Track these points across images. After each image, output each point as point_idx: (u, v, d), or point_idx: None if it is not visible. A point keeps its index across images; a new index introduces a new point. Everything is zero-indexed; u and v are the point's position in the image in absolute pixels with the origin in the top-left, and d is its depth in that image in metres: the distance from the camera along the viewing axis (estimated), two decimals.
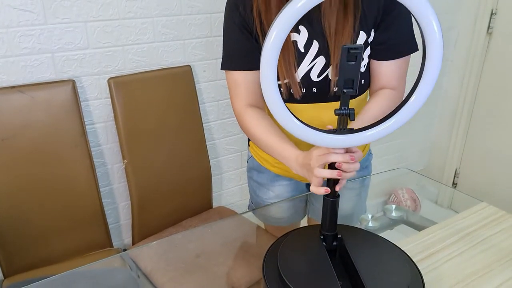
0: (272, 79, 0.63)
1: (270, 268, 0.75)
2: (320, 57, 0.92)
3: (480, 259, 0.89)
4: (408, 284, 0.69)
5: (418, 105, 0.64)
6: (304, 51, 0.92)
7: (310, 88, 0.95)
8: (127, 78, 1.39)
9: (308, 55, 0.92)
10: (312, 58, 0.92)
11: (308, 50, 0.92)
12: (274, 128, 0.92)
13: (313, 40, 0.91)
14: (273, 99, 0.65)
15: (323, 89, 0.95)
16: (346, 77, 0.63)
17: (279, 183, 1.15)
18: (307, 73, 0.94)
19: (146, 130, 1.43)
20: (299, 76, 0.94)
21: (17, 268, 1.30)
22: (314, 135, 0.68)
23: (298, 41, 0.92)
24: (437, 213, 2.42)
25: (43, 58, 1.28)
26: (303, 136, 0.68)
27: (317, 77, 0.94)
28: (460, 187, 2.50)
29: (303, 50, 0.92)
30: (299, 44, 0.92)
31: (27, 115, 1.23)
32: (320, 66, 0.93)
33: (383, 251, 0.79)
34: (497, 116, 2.21)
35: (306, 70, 0.93)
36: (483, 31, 2.15)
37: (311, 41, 0.92)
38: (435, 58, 0.60)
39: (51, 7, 1.24)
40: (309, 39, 0.92)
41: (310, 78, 0.94)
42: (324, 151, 0.75)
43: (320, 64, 0.93)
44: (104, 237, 1.43)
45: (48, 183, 1.28)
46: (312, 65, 0.93)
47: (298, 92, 0.94)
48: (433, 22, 0.58)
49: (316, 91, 0.95)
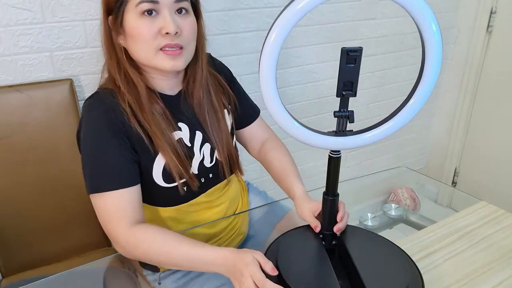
0: (272, 79, 0.62)
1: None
2: (205, 144, 0.97)
3: (480, 258, 0.89)
4: (407, 283, 0.69)
5: (417, 107, 0.64)
6: (191, 145, 0.95)
7: (207, 175, 0.98)
8: None
9: (195, 147, 0.95)
10: (199, 147, 0.96)
11: (193, 143, 0.95)
12: (178, 235, 0.81)
13: (195, 132, 0.96)
14: (273, 101, 0.64)
15: (216, 172, 1.00)
16: (345, 80, 0.63)
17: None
18: (201, 163, 0.97)
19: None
20: (195, 169, 0.95)
21: (15, 268, 1.30)
22: (313, 137, 0.67)
23: (183, 138, 0.94)
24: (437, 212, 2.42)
25: (42, 57, 1.28)
26: (303, 138, 0.68)
27: (210, 163, 0.98)
28: (460, 186, 2.50)
29: (190, 144, 0.95)
30: (185, 140, 0.94)
31: (25, 114, 1.22)
32: (208, 152, 0.98)
33: (382, 250, 0.79)
34: (496, 115, 2.21)
35: (199, 161, 0.96)
36: (482, 29, 2.15)
37: (194, 133, 0.96)
38: (434, 62, 0.60)
39: (50, 6, 1.24)
40: (191, 132, 0.95)
41: (205, 166, 0.97)
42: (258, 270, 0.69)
43: (207, 151, 0.97)
44: (102, 236, 1.42)
45: (46, 182, 1.28)
46: (202, 155, 0.97)
47: (196, 184, 0.94)
48: (432, 25, 0.57)
49: (212, 175, 0.99)
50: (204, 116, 0.96)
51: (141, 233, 0.81)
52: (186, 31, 0.85)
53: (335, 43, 1.87)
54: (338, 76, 0.63)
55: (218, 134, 0.98)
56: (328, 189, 0.76)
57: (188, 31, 0.86)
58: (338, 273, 0.71)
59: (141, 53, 0.86)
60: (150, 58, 0.85)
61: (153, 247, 0.80)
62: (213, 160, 0.99)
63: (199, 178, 0.96)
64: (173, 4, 0.82)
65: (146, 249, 0.80)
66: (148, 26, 0.82)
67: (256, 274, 0.68)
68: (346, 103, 0.66)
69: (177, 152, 0.89)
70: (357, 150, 2.24)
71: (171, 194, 0.93)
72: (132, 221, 0.82)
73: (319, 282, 0.70)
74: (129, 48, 0.87)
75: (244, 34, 1.62)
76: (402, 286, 0.68)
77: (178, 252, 0.78)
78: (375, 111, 2.17)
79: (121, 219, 0.82)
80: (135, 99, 0.87)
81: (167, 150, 0.87)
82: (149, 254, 0.81)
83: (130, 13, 0.82)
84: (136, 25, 0.82)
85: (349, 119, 0.67)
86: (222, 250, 0.75)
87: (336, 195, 0.76)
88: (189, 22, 0.86)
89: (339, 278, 0.69)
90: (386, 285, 0.69)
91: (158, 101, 0.90)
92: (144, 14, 0.81)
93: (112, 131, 0.84)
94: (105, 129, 0.84)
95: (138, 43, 0.84)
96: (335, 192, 0.76)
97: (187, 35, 0.86)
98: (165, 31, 0.81)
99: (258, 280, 0.68)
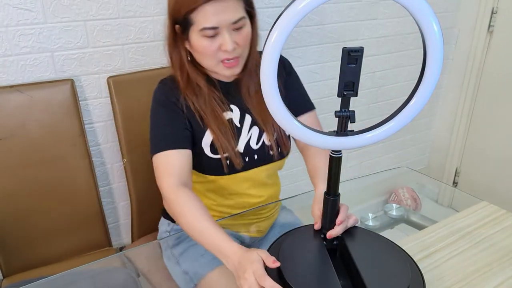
0: (273, 79, 0.62)
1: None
2: (254, 127, 1.08)
3: (481, 258, 0.89)
4: (408, 283, 0.69)
5: (418, 107, 0.64)
6: (240, 126, 1.06)
7: (252, 156, 1.06)
8: (126, 77, 1.38)
9: (243, 128, 1.06)
10: (247, 130, 1.07)
11: (242, 124, 1.07)
12: (207, 214, 0.89)
13: (245, 115, 1.07)
14: (274, 100, 0.64)
15: (263, 154, 1.08)
16: (346, 80, 0.63)
17: None
18: (248, 143, 1.06)
19: (146, 129, 1.42)
20: (241, 148, 1.05)
21: (16, 268, 1.30)
22: (314, 137, 0.67)
23: (233, 118, 1.06)
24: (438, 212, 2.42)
25: (43, 57, 1.28)
26: (303, 138, 0.68)
27: (256, 145, 1.07)
28: (461, 186, 2.50)
29: (239, 125, 1.06)
30: (235, 120, 1.06)
31: (25, 115, 1.23)
32: (256, 135, 1.07)
33: (383, 250, 0.79)
34: (497, 115, 2.21)
35: (246, 141, 1.06)
36: (484, 29, 2.15)
37: (244, 115, 1.07)
38: (435, 62, 0.59)
39: (51, 6, 1.24)
40: (241, 114, 1.07)
41: (251, 147, 1.07)
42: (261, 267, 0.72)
43: (256, 133, 1.07)
44: (103, 236, 1.43)
45: (47, 182, 1.28)
46: (249, 136, 1.07)
47: (239, 163, 1.04)
48: (433, 25, 0.57)
49: (258, 157, 1.07)
50: (252, 103, 1.07)
51: (180, 195, 0.92)
52: (241, 43, 0.97)
53: (336, 43, 1.87)
54: (340, 76, 0.63)
55: (264, 119, 1.07)
56: (330, 189, 0.76)
57: (244, 43, 0.98)
58: (339, 272, 0.71)
59: (204, 62, 1.00)
60: (212, 67, 1.00)
61: (183, 210, 0.90)
62: (260, 142, 1.08)
63: (243, 156, 1.05)
64: (230, 25, 0.93)
65: (179, 211, 0.91)
66: (209, 45, 0.94)
67: (258, 270, 0.71)
68: (347, 103, 0.66)
69: (223, 130, 1.02)
70: (358, 150, 2.24)
71: (218, 165, 1.03)
72: (178, 181, 0.94)
73: (321, 281, 0.70)
74: (194, 54, 1.01)
75: None
76: (403, 286, 0.68)
77: (198, 224, 0.87)
78: (376, 111, 2.17)
79: (169, 176, 0.95)
80: (192, 91, 1.02)
81: (214, 128, 1.01)
82: (178, 215, 0.92)
83: (194, 34, 0.94)
84: (199, 43, 0.95)
85: (350, 119, 0.67)
86: (233, 244, 0.81)
87: (337, 195, 0.76)
88: (244, 35, 0.97)
89: (340, 277, 0.69)
90: (387, 285, 0.69)
91: (214, 89, 1.04)
92: (206, 37, 0.93)
93: (169, 105, 1.01)
94: (164, 103, 1.02)
95: (201, 55, 0.98)
96: (336, 192, 0.76)
97: (243, 46, 0.98)
98: (224, 48, 0.94)
99: (259, 276, 0.71)
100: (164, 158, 0.97)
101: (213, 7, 0.90)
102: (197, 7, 0.90)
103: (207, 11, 0.90)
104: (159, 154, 0.98)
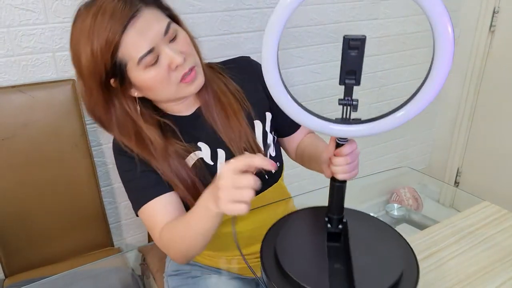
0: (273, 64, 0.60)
1: (269, 243, 0.75)
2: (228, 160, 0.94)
3: (483, 258, 0.89)
4: (401, 271, 0.67)
5: (428, 98, 0.60)
6: (213, 163, 0.94)
7: None
8: None
9: (218, 164, 0.94)
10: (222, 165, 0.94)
11: (216, 161, 0.94)
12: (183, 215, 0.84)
13: (216, 150, 0.94)
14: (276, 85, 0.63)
15: None
16: (348, 68, 0.62)
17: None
18: None
19: None
20: None
21: (18, 268, 1.30)
22: (320, 124, 0.66)
23: (203, 157, 0.93)
24: (439, 212, 2.41)
25: (44, 57, 1.28)
26: (309, 124, 0.66)
27: None
28: (462, 186, 2.50)
29: (212, 162, 0.94)
30: (206, 159, 0.93)
31: (27, 115, 1.23)
32: None
33: (384, 238, 0.77)
34: (499, 114, 2.20)
35: None
36: (485, 29, 2.14)
37: (215, 151, 0.94)
38: (446, 52, 0.55)
39: (52, 7, 1.24)
40: (212, 150, 0.94)
41: None
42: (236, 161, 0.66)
43: None
44: (105, 236, 1.43)
45: (49, 182, 1.28)
46: None
47: None
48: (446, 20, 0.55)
49: None
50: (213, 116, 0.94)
51: (164, 234, 0.86)
52: (186, 50, 0.84)
53: (338, 43, 1.87)
54: (341, 65, 0.61)
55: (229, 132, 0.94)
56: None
57: (189, 49, 0.85)
58: (333, 256, 0.70)
59: (163, 95, 0.87)
60: (174, 94, 0.86)
61: (174, 236, 0.84)
62: None
63: None
64: (164, 38, 0.81)
65: (173, 244, 0.85)
66: (157, 72, 0.81)
67: (233, 163, 0.67)
68: (350, 91, 0.65)
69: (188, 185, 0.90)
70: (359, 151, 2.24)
71: None
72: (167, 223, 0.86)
73: (310, 263, 0.69)
74: (147, 94, 0.87)
75: (246, 34, 1.62)
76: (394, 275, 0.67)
77: (183, 222, 0.81)
78: (377, 111, 2.17)
79: (155, 228, 0.87)
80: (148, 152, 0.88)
81: (179, 187, 0.90)
82: (177, 246, 0.85)
83: (134, 72, 0.81)
84: (146, 77, 0.81)
85: (353, 108, 0.66)
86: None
87: (344, 181, 0.75)
88: (184, 41, 0.85)
89: (333, 262, 0.69)
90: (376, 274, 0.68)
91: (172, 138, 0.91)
92: (149, 66, 0.81)
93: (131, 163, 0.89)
94: (125, 164, 0.90)
95: (156, 89, 0.84)
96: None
97: (190, 53, 0.85)
98: (174, 65, 0.81)
99: (237, 162, 0.66)
100: (147, 211, 0.89)
101: (134, 30, 0.77)
102: (119, 41, 0.77)
103: (131, 38, 0.77)
104: (142, 210, 0.89)
